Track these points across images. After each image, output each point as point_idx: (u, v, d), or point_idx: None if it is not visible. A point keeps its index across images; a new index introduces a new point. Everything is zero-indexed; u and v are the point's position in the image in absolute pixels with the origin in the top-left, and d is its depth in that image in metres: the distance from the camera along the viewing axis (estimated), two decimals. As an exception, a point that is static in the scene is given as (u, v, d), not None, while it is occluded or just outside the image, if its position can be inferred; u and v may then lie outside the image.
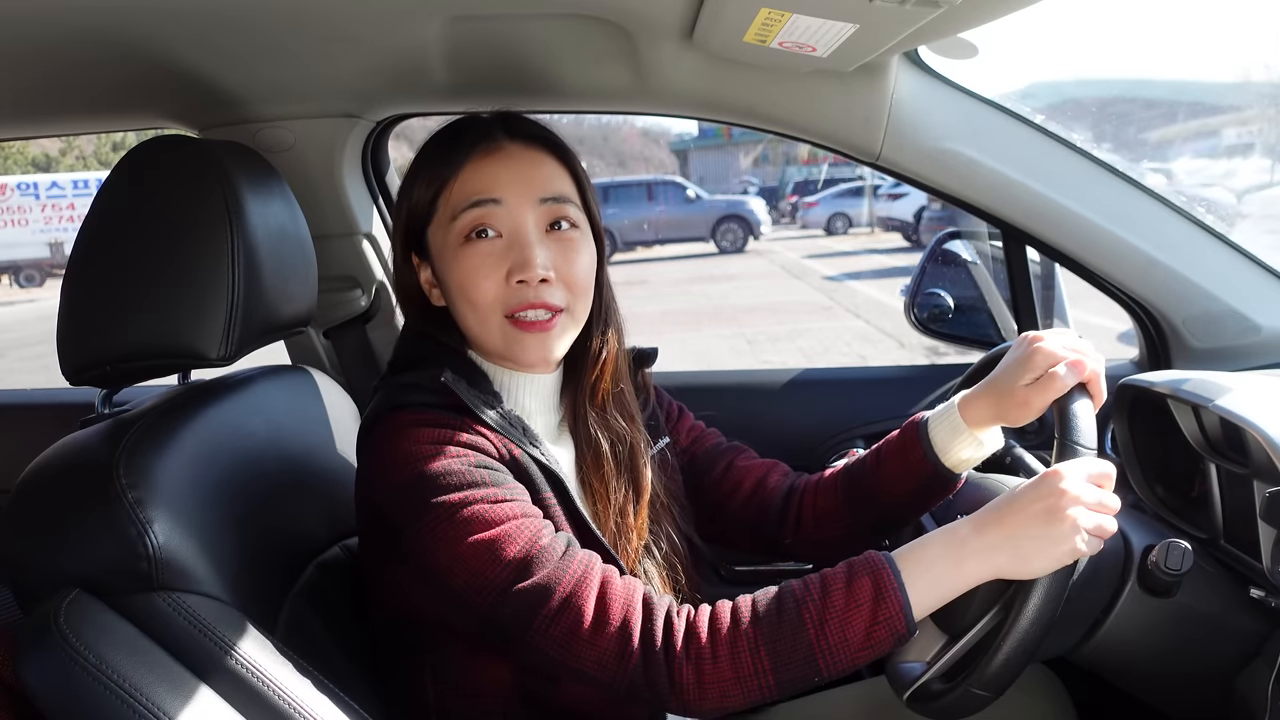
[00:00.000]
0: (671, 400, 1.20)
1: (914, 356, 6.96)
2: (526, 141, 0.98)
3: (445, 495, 0.85)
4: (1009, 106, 1.32)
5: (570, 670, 0.85)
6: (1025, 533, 0.81)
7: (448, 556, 0.85)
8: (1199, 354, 1.34)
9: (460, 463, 0.87)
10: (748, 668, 0.81)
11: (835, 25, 0.93)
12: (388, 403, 0.93)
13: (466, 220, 0.94)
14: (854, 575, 0.83)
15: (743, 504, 1.14)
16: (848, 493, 1.09)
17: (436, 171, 0.97)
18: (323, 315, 1.48)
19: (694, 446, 1.17)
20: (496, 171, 0.95)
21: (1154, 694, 1.02)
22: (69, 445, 0.89)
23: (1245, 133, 20.52)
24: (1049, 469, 0.84)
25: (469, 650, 0.93)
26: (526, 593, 0.83)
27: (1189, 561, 0.89)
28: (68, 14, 0.99)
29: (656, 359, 1.14)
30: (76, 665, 0.76)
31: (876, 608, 0.81)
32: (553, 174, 0.98)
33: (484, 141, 0.96)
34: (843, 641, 0.81)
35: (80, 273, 0.93)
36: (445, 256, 0.96)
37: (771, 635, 0.81)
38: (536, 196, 0.95)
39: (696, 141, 30.98)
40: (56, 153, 23.19)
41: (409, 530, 0.86)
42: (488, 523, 0.85)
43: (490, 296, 0.94)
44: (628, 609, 0.84)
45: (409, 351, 1.00)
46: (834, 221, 18.41)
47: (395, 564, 0.92)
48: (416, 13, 1.09)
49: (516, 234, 0.94)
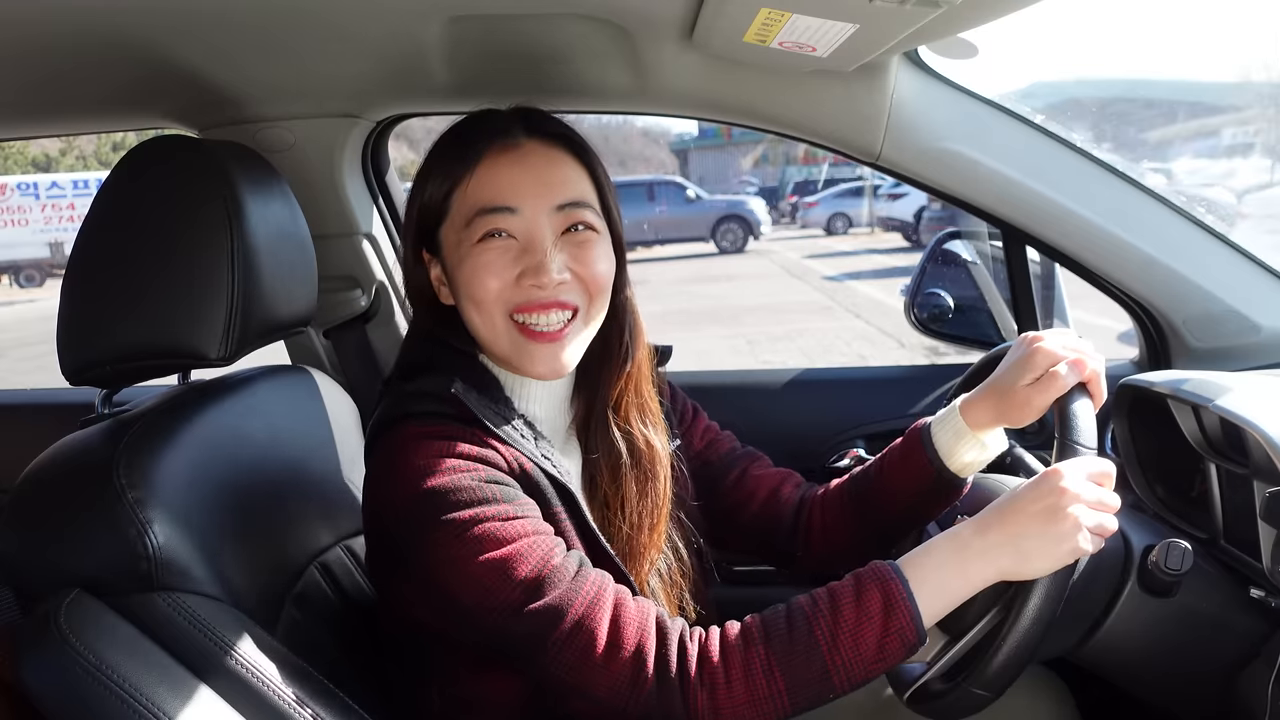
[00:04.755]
0: (687, 400, 1.17)
1: (914, 356, 6.95)
2: (546, 140, 0.94)
3: (455, 512, 0.83)
4: (1009, 106, 1.32)
5: (582, 694, 0.83)
6: (1027, 532, 0.81)
7: (457, 575, 0.82)
8: (1199, 354, 1.34)
9: (470, 478, 0.85)
10: (762, 690, 0.80)
11: (835, 25, 0.93)
12: (395, 411, 0.90)
13: (479, 225, 0.91)
14: (862, 588, 0.82)
15: (755, 514, 1.11)
16: (854, 504, 1.08)
17: (451, 168, 0.93)
18: (323, 315, 1.48)
19: (708, 451, 1.14)
20: (513, 174, 0.92)
21: (1154, 694, 1.02)
22: (69, 445, 0.89)
23: (1245, 133, 20.53)
24: (1049, 468, 0.84)
25: (476, 665, 0.92)
26: (538, 614, 0.81)
27: (1189, 561, 0.89)
28: (68, 14, 0.99)
29: (671, 356, 1.11)
30: (76, 665, 0.76)
31: (887, 619, 0.80)
32: (571, 176, 0.94)
33: (501, 138, 0.93)
34: (856, 656, 0.80)
35: (80, 273, 0.93)
36: (457, 255, 0.93)
37: (785, 655, 0.80)
38: (554, 203, 0.92)
39: (696, 141, 30.99)
40: (56, 153, 23.21)
41: (417, 547, 0.84)
42: (498, 541, 0.82)
43: (494, 294, 0.91)
44: (642, 633, 0.82)
45: (416, 355, 0.97)
46: (834, 221, 18.41)
47: (402, 579, 0.90)
48: (416, 13, 1.09)
49: (531, 240, 0.91)
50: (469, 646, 0.91)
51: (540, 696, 0.90)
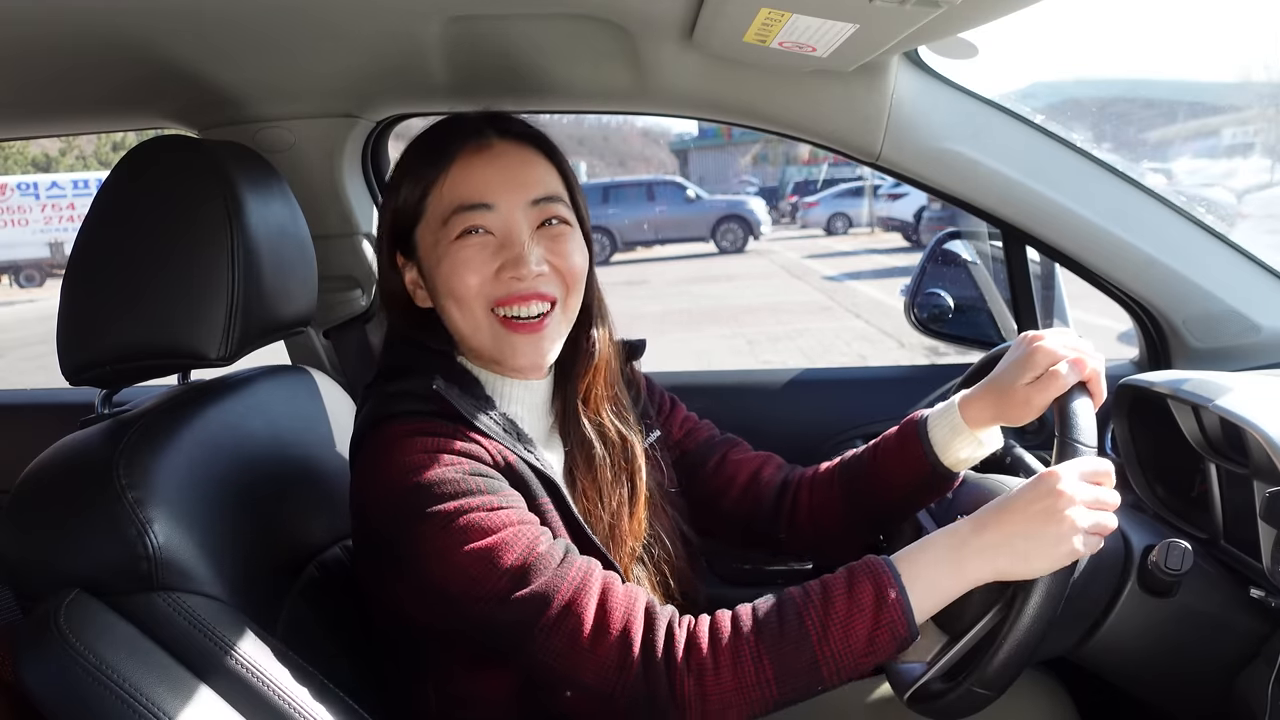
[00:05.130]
0: (663, 392, 1.19)
1: (914, 356, 6.95)
2: (516, 140, 0.97)
3: (440, 504, 0.84)
4: (1009, 106, 1.32)
5: (569, 681, 0.84)
6: (1024, 533, 0.81)
7: (444, 566, 0.84)
8: (1199, 354, 1.34)
9: (454, 471, 0.86)
10: (750, 677, 0.80)
11: (835, 25, 0.93)
12: (378, 413, 0.92)
13: (457, 223, 0.93)
14: (855, 580, 0.82)
15: (736, 499, 1.13)
16: (845, 488, 1.09)
17: (425, 171, 0.96)
18: (323, 315, 1.48)
19: (686, 440, 1.16)
20: (486, 172, 0.94)
21: (1154, 694, 1.02)
22: (69, 445, 0.89)
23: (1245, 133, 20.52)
24: (1046, 469, 0.84)
25: (470, 662, 0.92)
26: (525, 601, 0.82)
27: (1189, 561, 0.89)
28: (68, 14, 0.99)
29: (644, 351, 1.13)
30: (76, 665, 0.76)
31: (878, 613, 0.80)
32: (543, 173, 0.97)
33: (473, 139, 0.96)
34: (845, 648, 0.80)
35: (80, 273, 0.93)
36: (435, 255, 0.95)
37: (774, 644, 0.81)
38: (528, 198, 0.95)
39: (696, 141, 31.01)
40: (56, 153, 23.19)
41: (404, 541, 0.85)
42: (484, 530, 0.84)
43: (475, 289, 0.92)
44: (629, 618, 0.83)
45: (396, 359, 0.99)
46: (834, 221, 18.40)
47: (392, 578, 0.91)
48: (416, 13, 1.09)
49: (509, 234, 0.94)
50: (463, 644, 0.91)
51: (534, 692, 0.91)
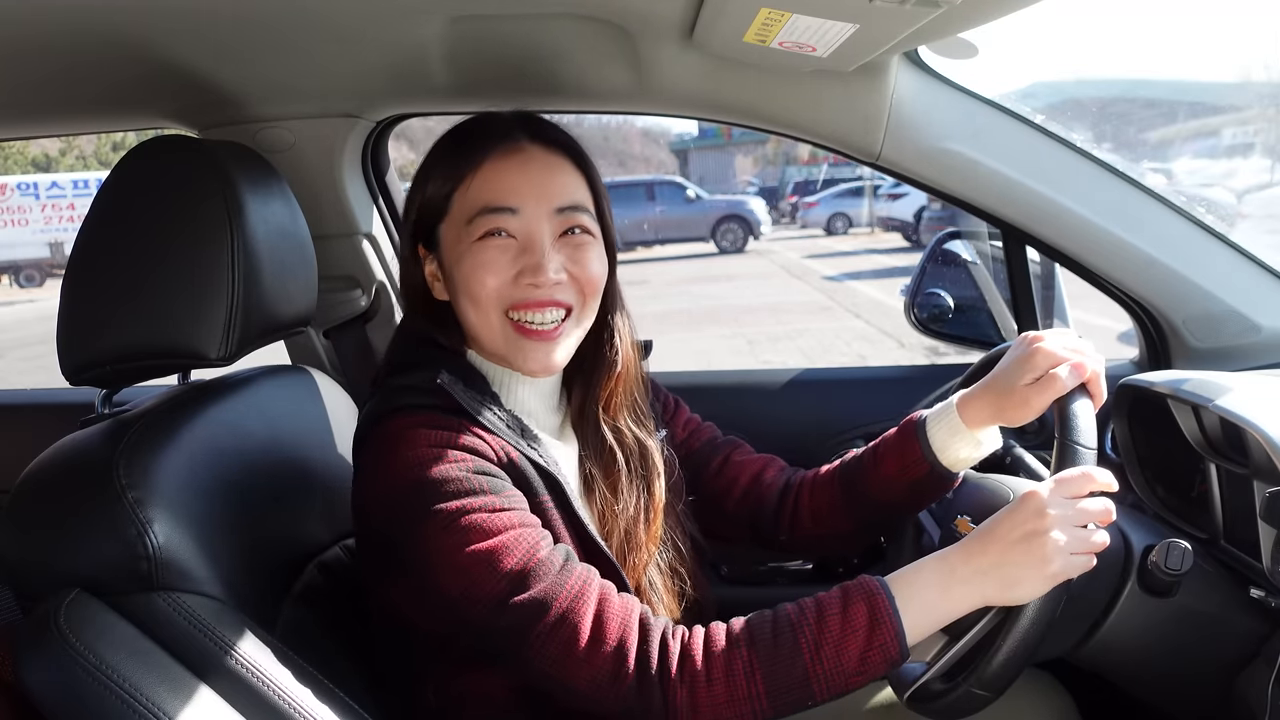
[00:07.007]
0: (668, 394, 1.20)
1: (914, 356, 6.95)
2: (547, 146, 0.97)
3: (443, 503, 0.84)
4: (1009, 106, 1.32)
5: (564, 688, 0.84)
6: (1009, 560, 0.81)
7: (444, 566, 0.84)
8: (1199, 354, 1.34)
9: (459, 469, 0.86)
10: (742, 691, 0.81)
11: (835, 25, 0.93)
12: (383, 406, 0.92)
13: (480, 224, 0.93)
14: (849, 601, 0.83)
15: (739, 500, 1.13)
16: (844, 489, 1.09)
17: (454, 168, 0.95)
18: (323, 315, 1.48)
19: (690, 440, 1.16)
20: (514, 177, 0.94)
21: (1154, 694, 1.02)
22: (69, 445, 0.89)
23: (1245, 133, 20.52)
24: (1028, 491, 0.83)
25: (470, 662, 0.92)
26: (522, 606, 0.82)
27: (1189, 561, 0.89)
28: (67, 13, 0.99)
29: (652, 351, 1.13)
30: (76, 665, 0.76)
31: (871, 634, 0.81)
32: (570, 182, 0.97)
33: (505, 141, 0.95)
34: (838, 666, 0.81)
35: (80, 273, 0.93)
36: (456, 252, 0.95)
37: (767, 659, 0.81)
38: (553, 206, 0.94)
39: (696, 141, 30.96)
40: (56, 153, 23.19)
41: (406, 539, 0.85)
42: (486, 532, 0.84)
43: (492, 291, 0.93)
44: (624, 628, 0.84)
45: (403, 356, 0.99)
46: (834, 221, 18.39)
47: (393, 578, 0.91)
48: (417, 13, 1.09)
49: (530, 241, 0.94)
50: (462, 647, 0.91)
51: (534, 693, 0.91)
